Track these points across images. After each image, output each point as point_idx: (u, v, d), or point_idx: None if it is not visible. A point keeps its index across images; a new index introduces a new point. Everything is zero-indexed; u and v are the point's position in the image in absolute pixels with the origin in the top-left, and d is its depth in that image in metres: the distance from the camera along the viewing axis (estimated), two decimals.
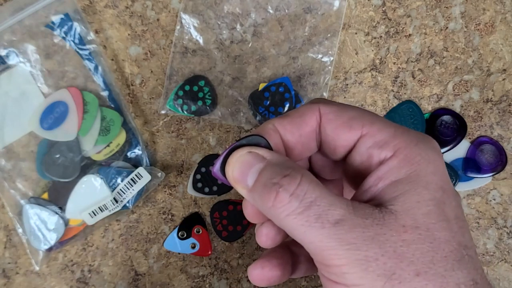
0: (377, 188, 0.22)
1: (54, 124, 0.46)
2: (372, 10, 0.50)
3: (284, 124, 0.25)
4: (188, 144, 0.49)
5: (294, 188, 0.21)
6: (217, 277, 0.48)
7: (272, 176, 0.22)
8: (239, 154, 0.24)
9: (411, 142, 0.22)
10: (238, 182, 0.23)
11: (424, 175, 0.22)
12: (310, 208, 0.20)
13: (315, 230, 0.20)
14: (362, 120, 0.24)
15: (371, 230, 0.20)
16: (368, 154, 0.23)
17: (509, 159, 0.49)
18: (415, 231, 0.20)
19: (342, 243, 0.20)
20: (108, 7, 0.49)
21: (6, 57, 0.46)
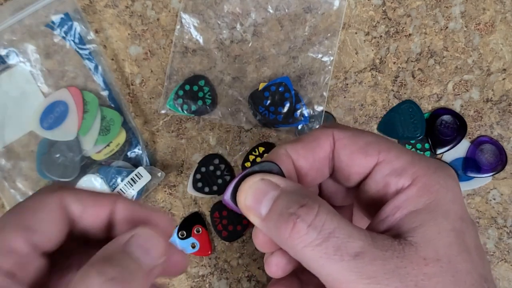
0: (395, 218, 0.21)
1: (54, 124, 0.46)
2: (372, 10, 0.50)
3: (297, 149, 0.24)
4: (188, 143, 0.50)
5: (312, 218, 0.20)
6: (217, 277, 0.48)
7: (288, 206, 0.21)
8: (252, 181, 0.23)
9: (429, 170, 0.22)
10: (251, 210, 0.23)
11: (443, 204, 0.21)
12: (329, 239, 0.20)
13: (334, 262, 0.19)
14: (378, 146, 0.23)
15: (391, 263, 0.19)
16: (384, 182, 0.23)
17: (509, 159, 0.49)
18: (436, 263, 0.19)
19: (362, 276, 0.19)
20: (108, 7, 0.49)
21: (6, 57, 0.46)
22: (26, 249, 0.20)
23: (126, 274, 0.20)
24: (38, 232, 0.21)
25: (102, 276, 0.19)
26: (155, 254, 0.21)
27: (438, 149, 0.49)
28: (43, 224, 0.21)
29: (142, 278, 0.21)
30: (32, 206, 0.22)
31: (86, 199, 0.23)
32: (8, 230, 0.20)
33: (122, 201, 0.23)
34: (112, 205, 0.23)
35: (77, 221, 0.23)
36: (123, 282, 0.19)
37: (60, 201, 0.22)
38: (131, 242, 0.21)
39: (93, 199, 0.23)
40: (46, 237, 0.21)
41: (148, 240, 0.21)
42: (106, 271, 0.19)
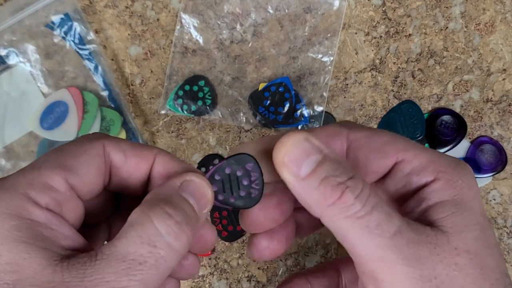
0: (421, 208, 0.21)
1: (54, 124, 0.46)
2: (372, 10, 0.50)
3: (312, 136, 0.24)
4: (188, 144, 0.50)
5: (359, 191, 0.20)
6: (217, 277, 0.48)
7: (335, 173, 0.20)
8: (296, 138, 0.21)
9: (449, 166, 0.22)
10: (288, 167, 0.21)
11: (467, 199, 0.21)
12: (372, 213, 0.19)
13: (374, 237, 0.19)
14: (395, 146, 0.23)
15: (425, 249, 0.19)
16: (405, 181, 0.22)
17: (509, 159, 0.49)
18: (466, 255, 0.19)
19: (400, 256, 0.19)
20: (108, 7, 0.49)
21: (6, 57, 0.46)
22: (63, 188, 0.20)
23: (188, 218, 0.20)
24: (77, 174, 0.21)
25: (170, 219, 0.19)
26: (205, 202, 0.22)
27: (438, 149, 0.49)
28: (83, 167, 0.21)
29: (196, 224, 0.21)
30: (74, 148, 0.22)
31: (128, 149, 0.23)
32: (46, 167, 0.20)
33: (162, 155, 0.23)
34: (153, 157, 0.23)
35: (117, 171, 0.23)
36: (187, 226, 0.20)
37: (102, 148, 0.22)
38: (185, 187, 0.21)
39: (135, 150, 0.23)
40: (85, 180, 0.21)
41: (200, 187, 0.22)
42: (172, 214, 0.20)
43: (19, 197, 0.19)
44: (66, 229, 0.20)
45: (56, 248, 0.19)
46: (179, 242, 0.19)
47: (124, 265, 0.18)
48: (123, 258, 0.18)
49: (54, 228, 0.19)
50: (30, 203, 0.19)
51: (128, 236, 0.19)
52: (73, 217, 0.21)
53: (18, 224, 0.18)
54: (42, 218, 0.19)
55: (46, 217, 0.19)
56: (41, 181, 0.20)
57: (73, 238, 0.20)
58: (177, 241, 0.19)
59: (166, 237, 0.19)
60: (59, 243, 0.19)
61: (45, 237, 0.19)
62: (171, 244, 0.19)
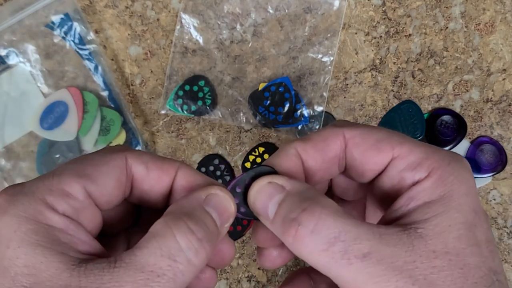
0: (408, 208, 0.21)
1: (54, 124, 0.46)
2: (372, 10, 0.50)
3: (306, 149, 0.24)
4: (188, 144, 0.50)
5: (314, 224, 0.20)
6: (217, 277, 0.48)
7: (290, 210, 0.21)
8: (259, 184, 0.23)
9: (443, 162, 0.22)
10: (260, 214, 0.23)
11: (457, 197, 0.21)
12: (335, 244, 0.19)
13: (342, 266, 0.19)
14: (391, 142, 0.23)
15: (399, 259, 0.19)
16: (400, 177, 0.22)
17: (509, 159, 0.49)
18: (445, 256, 0.19)
19: (372, 276, 0.19)
20: (108, 7, 0.49)
21: (6, 57, 0.46)
22: (81, 196, 0.20)
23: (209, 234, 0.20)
24: (96, 183, 0.21)
25: (192, 235, 0.19)
26: (228, 216, 0.22)
27: None
28: (103, 177, 0.21)
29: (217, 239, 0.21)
30: (95, 158, 0.22)
31: (150, 162, 0.23)
32: (65, 175, 0.20)
33: (184, 168, 0.23)
34: (175, 171, 0.23)
35: (138, 184, 0.23)
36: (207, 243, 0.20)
37: (123, 159, 0.22)
38: (209, 200, 0.22)
39: (157, 163, 0.23)
40: (104, 190, 0.21)
41: (223, 201, 0.22)
42: (194, 230, 0.20)
43: (37, 202, 0.19)
44: (83, 235, 0.20)
45: (74, 253, 0.19)
46: (199, 258, 0.20)
47: (142, 276, 0.18)
48: (142, 269, 0.18)
49: (72, 234, 0.19)
50: (47, 208, 0.19)
51: (149, 247, 0.19)
52: (91, 225, 0.21)
53: (35, 228, 0.18)
54: (60, 223, 0.19)
55: (63, 222, 0.19)
56: (59, 188, 0.20)
57: (90, 244, 0.20)
58: (197, 257, 0.20)
59: (186, 252, 0.19)
60: (76, 248, 0.19)
61: (62, 242, 0.19)
62: (190, 260, 0.19)
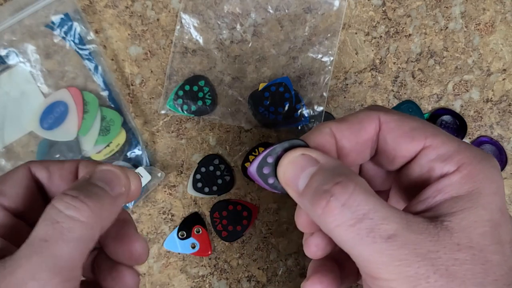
0: (435, 200, 0.21)
1: (54, 124, 0.46)
2: (372, 10, 0.50)
3: (342, 129, 0.24)
4: (188, 144, 0.50)
5: (346, 198, 0.20)
6: (217, 277, 0.48)
7: (324, 182, 0.21)
8: (292, 155, 0.23)
9: (474, 159, 0.22)
10: (289, 185, 0.23)
11: (485, 195, 0.21)
12: (363, 221, 0.20)
13: (366, 244, 0.19)
14: (424, 132, 0.23)
15: (423, 247, 0.19)
16: (429, 167, 0.23)
17: (509, 159, 0.49)
18: (469, 250, 0.20)
19: (394, 259, 0.19)
20: (108, 7, 0.49)
21: (6, 57, 0.46)
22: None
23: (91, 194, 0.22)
24: (6, 195, 0.24)
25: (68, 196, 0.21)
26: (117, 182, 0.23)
27: None
28: (10, 188, 0.24)
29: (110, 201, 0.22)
30: (4, 176, 0.25)
31: (50, 165, 0.25)
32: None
33: (84, 163, 0.25)
34: (74, 166, 0.25)
35: (47, 185, 0.25)
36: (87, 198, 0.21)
37: (27, 169, 0.25)
38: (93, 176, 0.23)
39: (57, 165, 0.25)
40: (13, 199, 0.24)
41: (109, 172, 0.23)
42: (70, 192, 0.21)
43: None
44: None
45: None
46: (82, 213, 0.21)
47: (32, 248, 0.20)
48: (32, 242, 0.20)
49: None
50: None
51: (37, 224, 0.21)
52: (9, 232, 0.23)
53: None
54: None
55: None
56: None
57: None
58: (79, 212, 0.21)
59: (65, 212, 0.20)
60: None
61: None
62: (73, 216, 0.20)
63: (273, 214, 0.49)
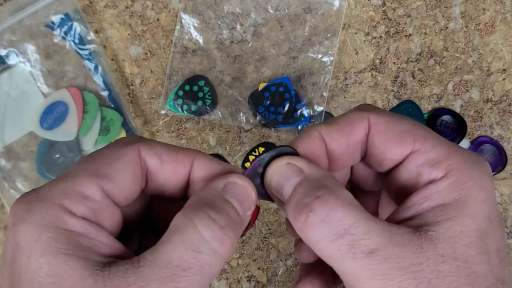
0: (421, 207, 0.21)
1: (54, 124, 0.46)
2: (372, 10, 0.50)
3: (331, 132, 0.23)
4: (188, 144, 0.49)
5: (326, 213, 0.20)
6: (217, 277, 0.48)
7: (305, 195, 0.20)
8: (278, 165, 0.22)
9: (464, 164, 0.21)
10: (275, 194, 0.22)
11: (472, 203, 0.20)
12: (343, 236, 0.19)
13: (347, 260, 0.19)
14: (414, 135, 0.23)
15: (406, 260, 0.19)
16: (417, 172, 0.22)
17: (509, 159, 0.49)
18: (453, 262, 0.19)
19: (376, 273, 0.19)
20: (108, 7, 0.49)
21: (6, 57, 0.46)
22: (98, 196, 0.20)
23: (232, 223, 0.20)
24: (113, 182, 0.20)
25: (214, 224, 0.19)
26: (249, 204, 0.22)
27: None
28: (119, 174, 0.21)
29: (240, 228, 0.21)
30: (108, 154, 0.21)
31: (164, 153, 0.22)
32: (81, 176, 0.20)
33: (201, 158, 0.23)
34: (191, 162, 0.22)
35: (153, 176, 0.22)
36: (231, 231, 0.20)
37: (137, 153, 0.21)
38: (228, 189, 0.21)
39: (172, 154, 0.22)
40: (121, 187, 0.21)
41: (243, 189, 0.22)
42: (216, 218, 0.19)
43: (54, 207, 0.19)
44: (104, 237, 0.19)
45: (96, 257, 0.18)
46: (224, 247, 0.19)
47: (168, 272, 0.18)
48: (167, 265, 0.18)
49: (92, 237, 0.19)
50: (66, 213, 0.19)
51: (171, 242, 0.19)
52: (111, 225, 0.21)
53: (55, 235, 0.18)
54: (79, 227, 0.19)
55: (83, 226, 0.19)
56: (76, 191, 0.19)
57: (112, 245, 0.20)
58: (222, 246, 0.19)
59: (210, 242, 0.19)
60: (98, 251, 0.19)
61: (84, 246, 0.18)
62: (215, 250, 0.19)
63: (273, 214, 0.49)
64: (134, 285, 0.17)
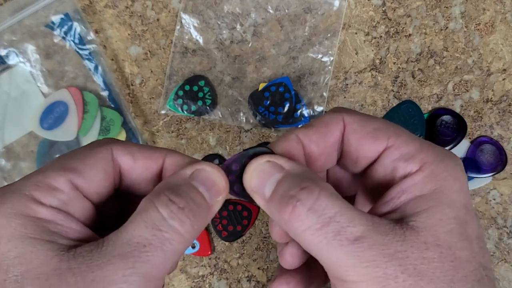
0: (400, 201, 0.22)
1: (54, 124, 0.46)
2: (372, 10, 0.50)
3: (309, 135, 0.24)
4: (188, 144, 0.50)
5: (312, 202, 0.20)
6: (217, 277, 0.48)
7: (289, 188, 0.21)
8: (258, 162, 0.23)
9: (437, 157, 0.22)
10: (255, 192, 0.23)
11: (449, 193, 0.21)
12: (329, 224, 0.20)
13: (333, 247, 0.20)
14: (387, 132, 0.23)
15: (391, 247, 0.19)
16: (392, 167, 0.23)
17: (509, 159, 0.49)
18: (436, 248, 0.20)
19: (361, 260, 0.19)
20: (108, 7, 0.49)
21: (6, 57, 0.46)
22: (67, 188, 0.21)
23: (194, 206, 0.21)
24: (82, 176, 0.21)
25: (173, 205, 0.20)
26: (217, 190, 0.22)
27: None
28: (89, 169, 0.22)
29: (205, 212, 0.21)
30: (81, 152, 0.23)
31: (136, 152, 0.23)
32: (52, 170, 0.21)
33: (173, 154, 0.23)
34: (162, 158, 0.23)
35: (127, 174, 0.23)
36: (191, 213, 0.20)
37: (109, 151, 0.23)
38: (195, 176, 0.22)
39: (144, 152, 0.23)
40: (91, 182, 0.22)
41: (211, 174, 0.22)
42: (175, 200, 0.20)
43: (24, 198, 0.20)
44: (73, 224, 0.21)
45: (63, 241, 0.20)
46: (184, 227, 0.20)
47: (129, 248, 0.19)
48: (128, 242, 0.19)
49: (61, 223, 0.20)
50: (35, 203, 0.20)
51: (133, 222, 0.20)
52: (82, 215, 0.22)
53: (24, 222, 0.19)
54: (48, 215, 0.20)
55: (51, 214, 0.20)
56: (45, 183, 0.21)
57: (81, 231, 0.21)
58: (181, 226, 0.20)
59: (169, 221, 0.20)
60: (67, 236, 0.20)
61: (52, 231, 0.20)
62: (175, 228, 0.20)
63: None
64: (96, 261, 0.18)
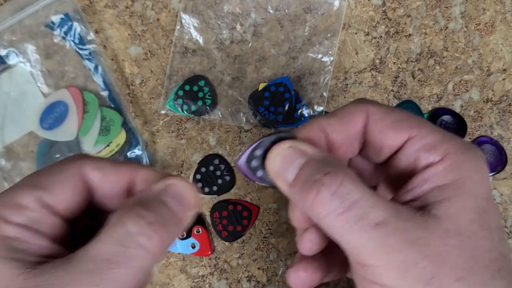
0: (422, 189, 0.22)
1: (54, 124, 0.46)
2: (372, 10, 0.50)
3: (331, 123, 0.24)
4: (188, 144, 0.50)
5: (336, 187, 0.20)
6: (217, 277, 0.48)
7: (313, 173, 0.21)
8: (281, 148, 0.23)
9: (459, 149, 0.22)
10: (278, 176, 0.23)
11: (470, 183, 0.21)
12: (351, 209, 0.20)
13: (355, 232, 0.20)
14: (410, 123, 0.24)
15: (412, 234, 0.20)
16: (415, 157, 0.23)
17: (509, 159, 0.49)
18: (457, 237, 0.20)
19: (382, 245, 0.19)
20: (108, 7, 0.49)
21: (6, 57, 0.46)
22: (35, 206, 0.21)
23: (164, 220, 0.21)
24: (51, 192, 0.21)
25: (142, 220, 0.20)
26: (188, 204, 0.22)
27: None
28: (58, 185, 0.22)
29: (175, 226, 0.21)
30: (50, 169, 0.23)
31: (105, 167, 0.23)
32: (19, 188, 0.21)
33: (142, 170, 0.23)
34: (132, 173, 0.23)
35: (97, 189, 0.23)
36: (160, 227, 0.20)
37: (78, 167, 0.23)
38: (166, 191, 0.22)
39: (113, 167, 0.23)
40: (60, 199, 0.22)
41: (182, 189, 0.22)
42: (145, 215, 0.20)
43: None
44: (41, 241, 0.21)
45: (30, 258, 0.20)
46: (151, 242, 0.20)
47: (95, 265, 0.19)
48: (94, 259, 0.19)
49: (28, 240, 0.20)
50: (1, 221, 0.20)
51: (101, 238, 0.20)
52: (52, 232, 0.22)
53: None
54: (15, 233, 0.20)
55: (18, 231, 0.20)
56: (12, 201, 0.21)
57: (50, 247, 0.21)
58: (149, 241, 0.20)
59: (136, 237, 0.19)
60: (34, 253, 0.20)
61: (18, 249, 0.20)
62: (142, 244, 0.20)
63: (273, 214, 0.49)
64: (61, 279, 0.18)
